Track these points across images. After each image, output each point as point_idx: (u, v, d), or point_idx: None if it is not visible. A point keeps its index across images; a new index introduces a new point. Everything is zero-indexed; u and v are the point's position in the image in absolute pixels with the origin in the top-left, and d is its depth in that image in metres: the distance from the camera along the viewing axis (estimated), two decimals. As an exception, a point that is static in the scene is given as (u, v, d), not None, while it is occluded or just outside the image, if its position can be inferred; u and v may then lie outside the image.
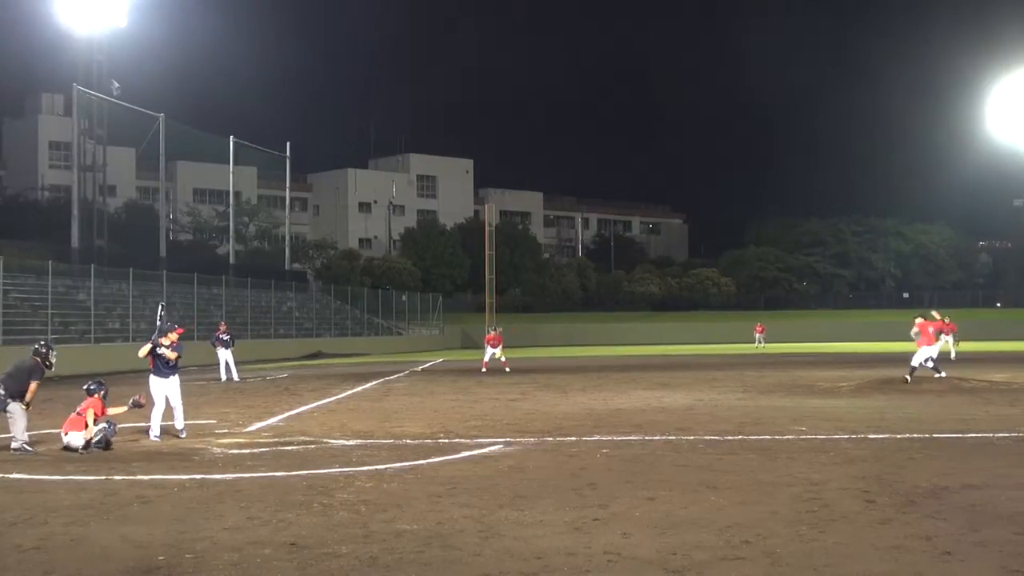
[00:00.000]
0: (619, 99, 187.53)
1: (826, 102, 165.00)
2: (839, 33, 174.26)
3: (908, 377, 22.94)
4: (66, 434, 13.51)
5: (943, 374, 23.40)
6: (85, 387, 14.15)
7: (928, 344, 23.61)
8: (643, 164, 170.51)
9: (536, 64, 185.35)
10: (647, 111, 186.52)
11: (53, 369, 13.96)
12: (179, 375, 15.06)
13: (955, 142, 79.57)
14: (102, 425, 13.56)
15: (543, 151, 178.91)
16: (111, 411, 14.03)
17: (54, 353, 13.93)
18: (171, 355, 14.73)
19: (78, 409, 13.72)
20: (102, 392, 14.00)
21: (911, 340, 24.31)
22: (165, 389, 14.74)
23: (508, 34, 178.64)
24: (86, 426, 13.48)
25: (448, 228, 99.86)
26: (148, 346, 14.80)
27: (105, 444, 13.46)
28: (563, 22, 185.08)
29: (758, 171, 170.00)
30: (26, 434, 13.46)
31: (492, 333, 34.86)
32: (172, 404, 14.86)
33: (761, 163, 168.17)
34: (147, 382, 15.00)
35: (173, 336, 14.93)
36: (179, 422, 14.99)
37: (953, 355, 35.69)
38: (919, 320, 24.17)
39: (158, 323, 15.51)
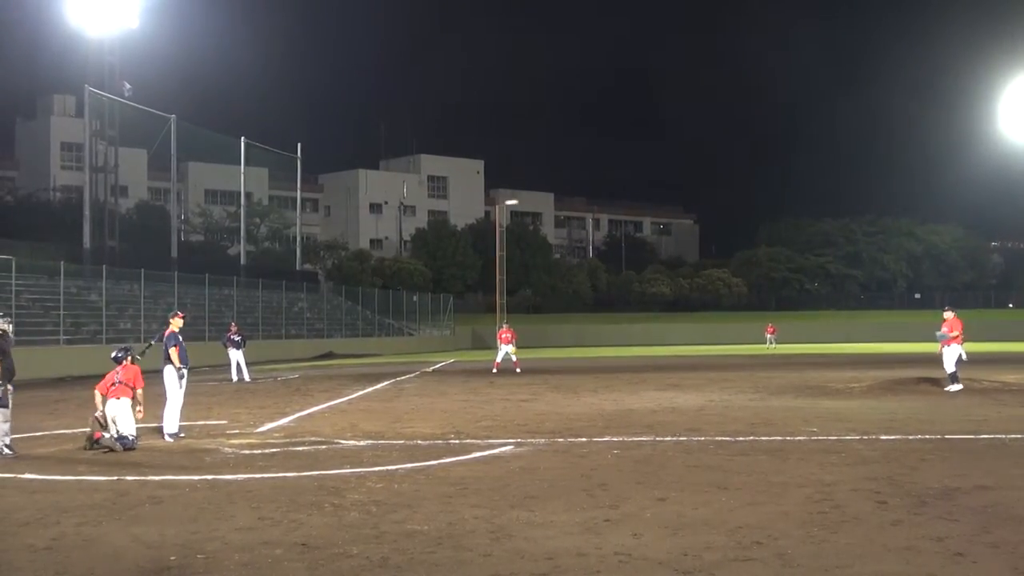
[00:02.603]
0: (630, 99, 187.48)
1: (838, 102, 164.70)
2: (851, 32, 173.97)
3: (954, 387, 21.34)
4: (117, 399, 13.61)
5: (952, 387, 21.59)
6: (113, 356, 14.18)
7: (958, 343, 21.65)
8: (654, 165, 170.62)
9: (547, 64, 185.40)
10: (658, 111, 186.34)
11: (10, 336, 13.52)
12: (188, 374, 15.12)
13: (967, 142, 79.44)
14: (124, 433, 13.51)
15: (554, 152, 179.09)
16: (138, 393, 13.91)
17: (5, 319, 13.64)
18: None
19: (120, 379, 13.76)
20: (129, 358, 13.98)
21: (936, 341, 22.59)
22: (178, 382, 14.78)
23: (519, 34, 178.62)
24: (134, 398, 13.66)
25: (459, 229, 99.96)
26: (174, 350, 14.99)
27: (124, 447, 13.44)
28: (573, 21, 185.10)
29: (769, 171, 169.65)
30: (7, 437, 13.24)
31: (505, 328, 34.89)
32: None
33: (772, 163, 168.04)
34: (161, 377, 15.00)
35: (179, 322, 15.14)
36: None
37: (964, 356, 35.46)
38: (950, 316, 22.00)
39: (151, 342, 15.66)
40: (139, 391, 13.86)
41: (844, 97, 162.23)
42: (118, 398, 13.64)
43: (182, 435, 14.82)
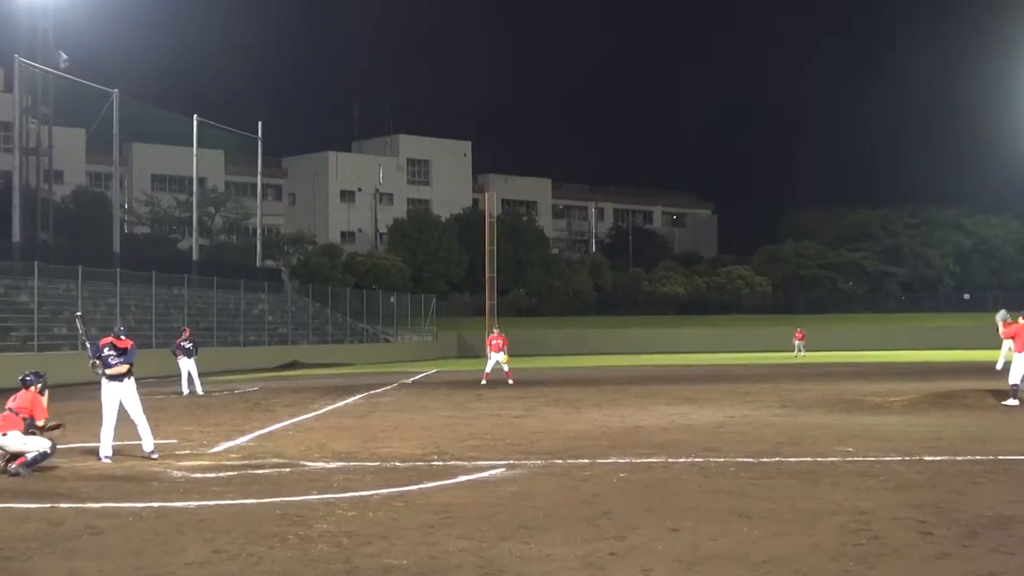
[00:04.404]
0: (638, 74, 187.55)
1: (874, 79, 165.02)
2: (897, 3, 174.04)
3: (1015, 400, 21.31)
4: (4, 434, 13.49)
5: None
6: (20, 378, 14.09)
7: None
8: (666, 147, 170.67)
9: (544, 35, 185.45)
10: (669, 87, 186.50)
11: None
12: (136, 382, 14.99)
13: (1022, 122, 79.45)
14: (40, 449, 13.46)
15: (551, 132, 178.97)
16: (44, 423, 13.79)
17: None
18: (120, 369, 14.68)
19: (12, 405, 13.68)
20: (39, 385, 13.92)
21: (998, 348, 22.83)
22: (118, 397, 14.67)
23: (515, 7, 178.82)
24: (26, 428, 13.48)
25: (443, 220, 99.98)
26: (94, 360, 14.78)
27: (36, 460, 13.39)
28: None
29: (797, 156, 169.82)
30: None
31: (495, 333, 34.93)
32: (133, 419, 14.80)
33: (800, 147, 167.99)
34: (98, 392, 14.95)
35: (119, 343, 14.82)
36: (147, 442, 14.92)
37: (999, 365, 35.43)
38: (1008, 320, 22.09)
39: (83, 338, 15.40)
40: (41, 423, 13.65)
41: (880, 73, 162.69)
42: (4, 433, 13.47)
43: (155, 455, 14.78)
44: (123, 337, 14.91)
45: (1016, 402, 21.37)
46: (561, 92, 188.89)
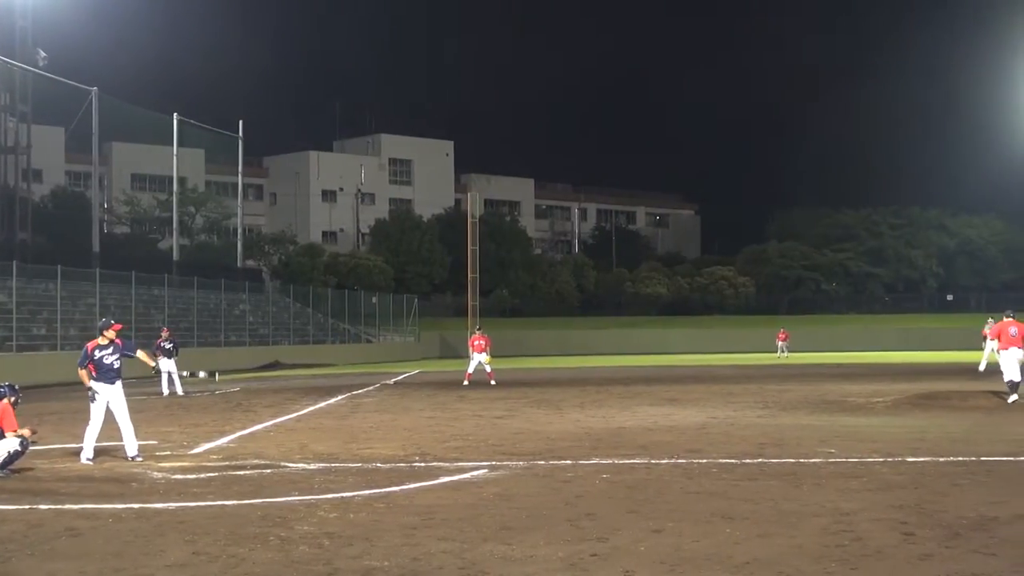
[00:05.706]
0: (622, 74, 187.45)
1: (858, 78, 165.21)
2: (881, 6, 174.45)
3: (1016, 395, 21.79)
4: None
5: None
6: None
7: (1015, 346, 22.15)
8: (649, 147, 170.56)
9: (527, 35, 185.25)
10: (653, 88, 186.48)
11: None
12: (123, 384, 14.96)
13: (1007, 123, 79.70)
14: (9, 450, 13.40)
15: (534, 132, 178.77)
16: (12, 434, 13.77)
17: None
18: (148, 361, 15.13)
19: None
20: (13, 399, 13.89)
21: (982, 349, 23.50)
22: (107, 399, 14.63)
23: (493, 1, 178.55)
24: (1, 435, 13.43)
25: (425, 220, 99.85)
26: (83, 371, 14.70)
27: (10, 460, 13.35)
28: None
29: (780, 155, 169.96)
30: None
31: (478, 334, 34.92)
32: (118, 420, 14.76)
33: (783, 148, 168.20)
34: (80, 393, 14.89)
35: (111, 334, 14.80)
36: (130, 444, 14.86)
37: (982, 367, 35.72)
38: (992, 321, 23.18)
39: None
40: (9, 435, 13.61)
41: (865, 74, 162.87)
42: None
43: (139, 458, 14.72)
44: (114, 322, 15.01)
45: (1016, 397, 21.59)
46: (544, 92, 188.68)
